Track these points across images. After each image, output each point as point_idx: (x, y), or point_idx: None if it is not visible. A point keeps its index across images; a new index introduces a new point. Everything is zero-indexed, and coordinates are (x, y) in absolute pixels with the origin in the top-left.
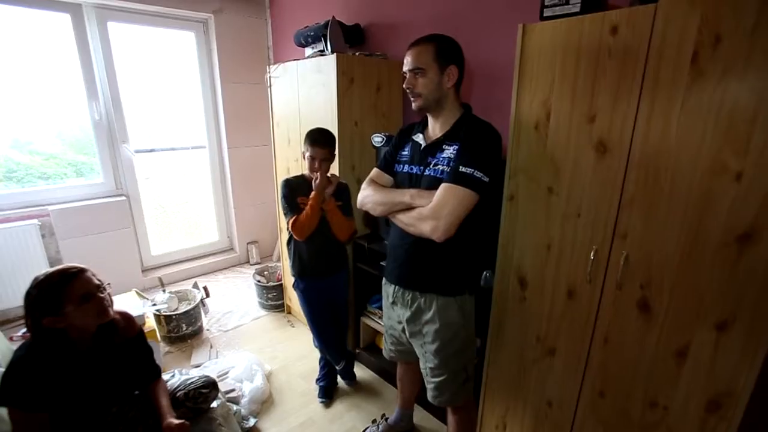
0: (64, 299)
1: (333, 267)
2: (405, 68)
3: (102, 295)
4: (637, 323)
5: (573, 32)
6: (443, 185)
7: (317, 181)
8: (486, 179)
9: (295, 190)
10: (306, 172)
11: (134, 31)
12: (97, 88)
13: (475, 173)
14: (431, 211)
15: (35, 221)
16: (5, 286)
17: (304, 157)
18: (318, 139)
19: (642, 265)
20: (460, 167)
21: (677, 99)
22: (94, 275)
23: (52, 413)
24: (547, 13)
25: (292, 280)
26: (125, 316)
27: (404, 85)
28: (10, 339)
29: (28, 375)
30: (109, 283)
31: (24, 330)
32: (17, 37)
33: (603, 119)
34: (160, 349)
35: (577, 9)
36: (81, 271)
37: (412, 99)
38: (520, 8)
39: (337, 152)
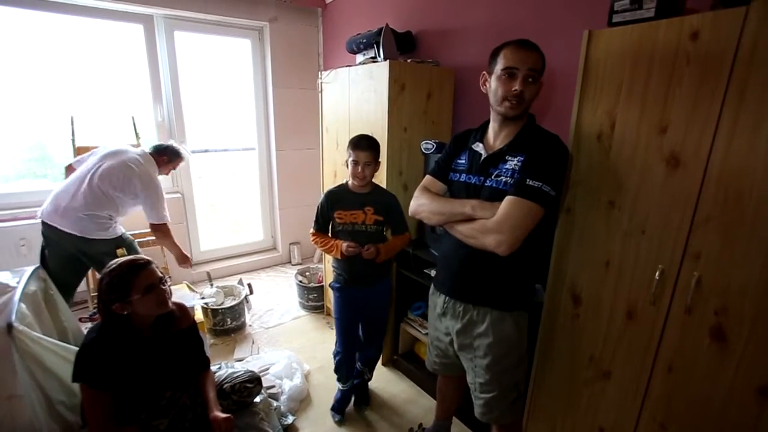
0: (131, 287)
1: (372, 278)
2: (515, 66)
3: (163, 287)
4: (710, 353)
5: (646, 38)
6: (509, 198)
7: (348, 248)
8: (553, 193)
9: (336, 202)
10: (348, 179)
11: (196, 39)
12: (162, 92)
13: (543, 187)
14: (496, 225)
15: None
16: None
17: (347, 165)
18: (359, 142)
19: (717, 289)
20: (528, 180)
21: None
22: (157, 268)
23: (115, 393)
24: (616, 18)
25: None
26: (181, 308)
27: (513, 87)
28: (80, 320)
29: (98, 356)
30: (170, 276)
31: (92, 313)
32: (92, 47)
33: (676, 131)
34: (207, 341)
35: (651, 14)
36: (147, 263)
37: (510, 104)
38: (583, 15)
39: (385, 157)
